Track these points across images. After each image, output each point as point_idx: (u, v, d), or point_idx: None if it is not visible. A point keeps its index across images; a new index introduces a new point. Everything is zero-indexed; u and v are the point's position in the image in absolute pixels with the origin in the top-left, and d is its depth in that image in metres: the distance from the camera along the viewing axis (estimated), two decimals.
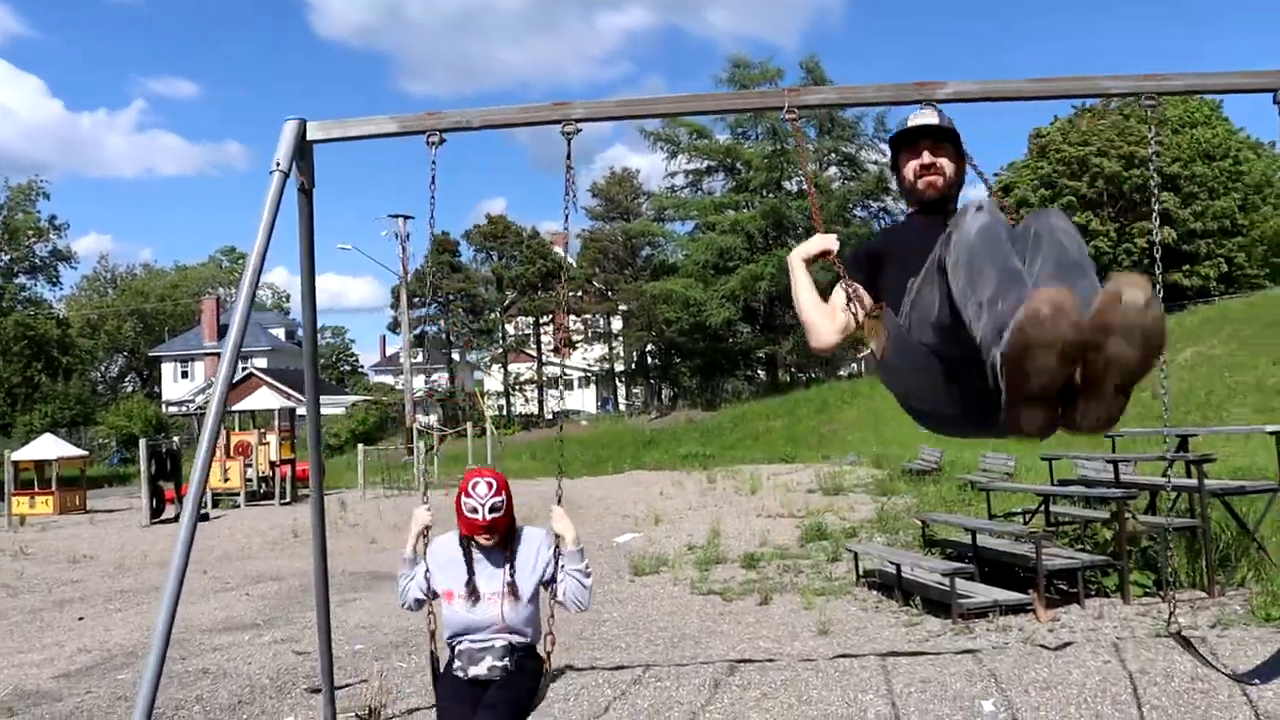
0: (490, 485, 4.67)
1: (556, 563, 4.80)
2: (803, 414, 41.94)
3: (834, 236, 3.84)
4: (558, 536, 4.87)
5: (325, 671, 6.57)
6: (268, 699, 7.60)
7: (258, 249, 5.36)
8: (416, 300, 59.69)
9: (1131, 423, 23.20)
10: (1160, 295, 5.74)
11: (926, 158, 3.86)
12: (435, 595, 4.83)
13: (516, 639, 4.66)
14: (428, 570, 4.84)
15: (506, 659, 4.60)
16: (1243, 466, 15.97)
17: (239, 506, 27.62)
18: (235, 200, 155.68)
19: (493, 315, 65.93)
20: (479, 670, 4.58)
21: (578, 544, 4.87)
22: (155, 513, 24.48)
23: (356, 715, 6.74)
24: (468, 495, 4.66)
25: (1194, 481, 9.99)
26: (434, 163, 5.77)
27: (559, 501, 4.93)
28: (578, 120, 5.76)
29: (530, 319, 65.34)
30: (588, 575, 4.85)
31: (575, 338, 66.34)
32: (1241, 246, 51.75)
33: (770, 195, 53.69)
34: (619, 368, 68.33)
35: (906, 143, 3.92)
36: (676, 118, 52.66)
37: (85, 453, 35.91)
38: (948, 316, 2.88)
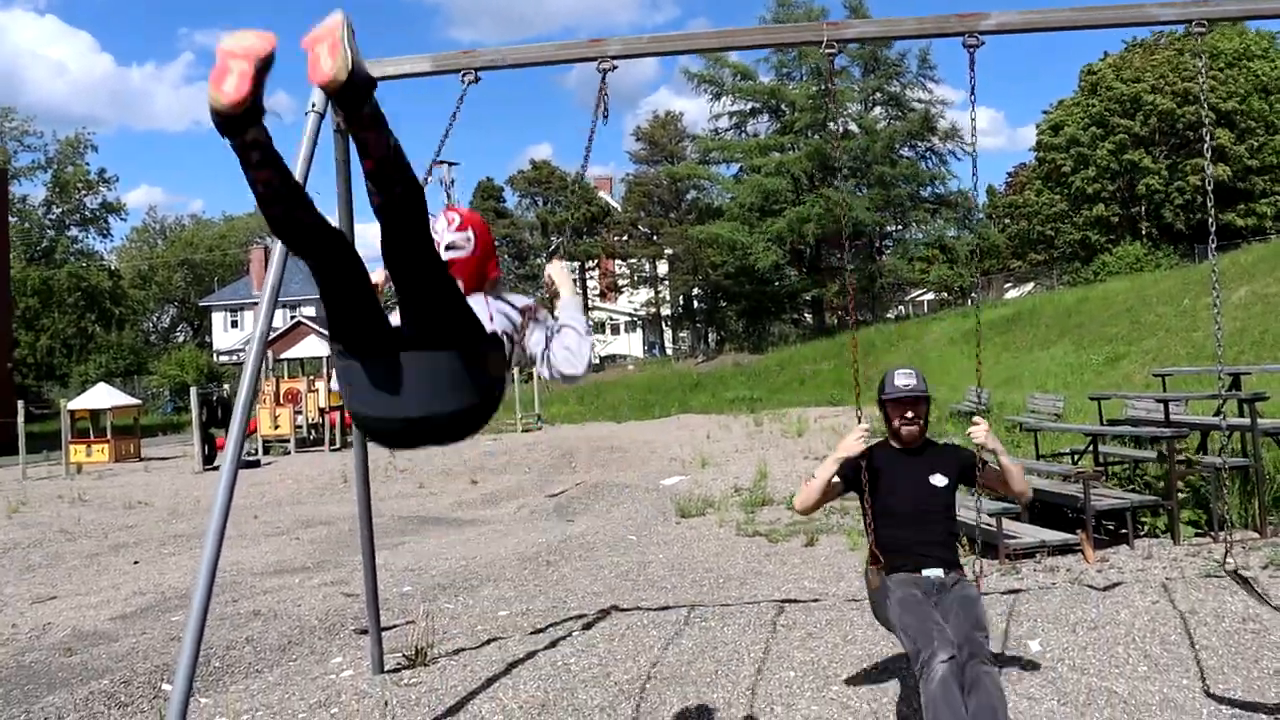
0: (451, 220, 3.71)
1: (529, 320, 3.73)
2: (850, 356, 41.67)
3: (866, 432, 5.05)
4: (549, 297, 3.99)
5: (372, 613, 6.65)
6: (317, 639, 7.70)
7: None
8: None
9: (1183, 361, 22.97)
10: (1213, 237, 5.65)
11: (908, 413, 5.17)
12: None
13: None
14: None
15: None
16: None
17: (289, 453, 27.98)
18: (284, 150, 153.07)
19: (538, 260, 65.98)
20: None
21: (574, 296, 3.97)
22: (207, 460, 24.83)
23: (404, 655, 6.82)
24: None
25: (1247, 421, 9.83)
26: (460, 99, 5.74)
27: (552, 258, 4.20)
28: (613, 57, 5.69)
29: (576, 264, 65.33)
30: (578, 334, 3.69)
31: (621, 282, 66.31)
32: None
33: (815, 136, 53.07)
34: (665, 312, 68.29)
35: (893, 399, 5.16)
36: (717, 56, 52.20)
37: (139, 402, 36.41)
38: None
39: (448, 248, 3.60)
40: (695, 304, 66.04)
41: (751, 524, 11.91)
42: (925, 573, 5.05)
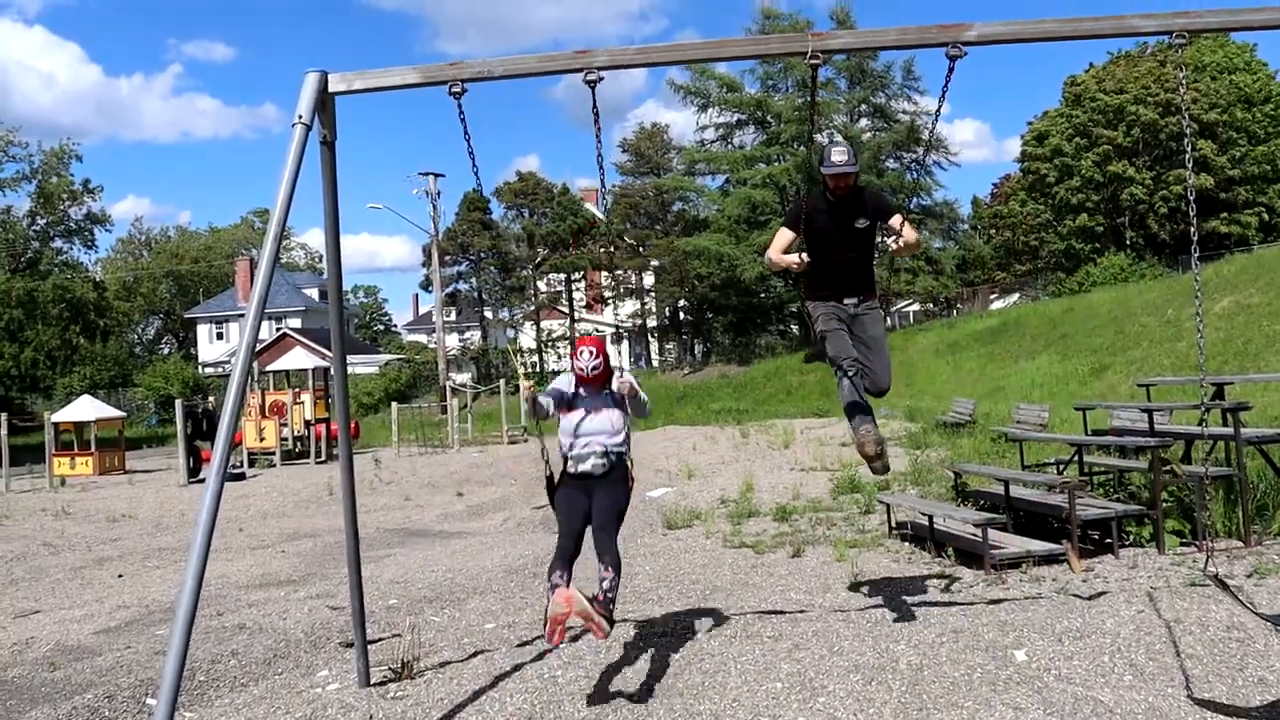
0: (592, 352, 6.50)
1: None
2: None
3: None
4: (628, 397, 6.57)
5: (358, 626, 6.64)
6: (302, 653, 7.67)
7: (280, 202, 5.37)
8: (448, 258, 59.80)
9: (1167, 371, 23.05)
10: (1195, 247, 5.70)
11: (843, 181, 6.70)
12: (554, 411, 6.51)
13: (611, 442, 6.42)
14: (548, 397, 6.51)
15: (605, 457, 6.39)
16: None
17: (275, 465, 27.88)
18: (273, 162, 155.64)
19: (524, 273, 65.87)
20: (585, 467, 6.39)
21: (642, 394, 6.63)
22: (192, 472, 24.75)
23: (390, 669, 6.79)
24: (577, 359, 6.50)
25: (1230, 430, 9.87)
26: (462, 116, 5.78)
27: (620, 376, 6.62)
28: (599, 68, 5.71)
29: (562, 276, 65.24)
30: (646, 401, 6.74)
31: (607, 294, 66.26)
32: None
33: (801, 147, 53.14)
34: (651, 324, 68.27)
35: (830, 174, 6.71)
36: (703, 68, 52.31)
37: (123, 414, 36.29)
38: None
39: (593, 370, 6.42)
40: (681, 316, 66.05)
41: (738, 535, 11.91)
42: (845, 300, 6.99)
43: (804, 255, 6.80)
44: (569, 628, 5.80)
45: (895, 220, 6.81)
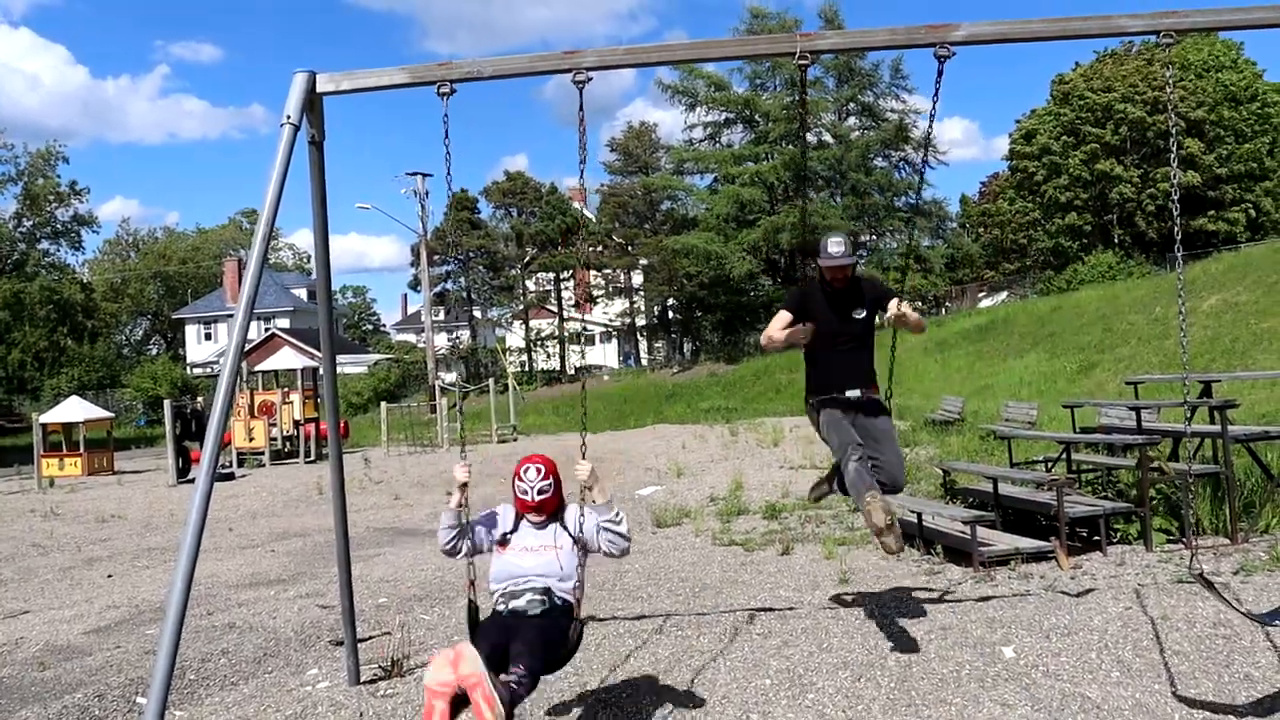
0: (539, 470, 5.26)
1: (585, 517, 5.29)
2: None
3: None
4: (584, 491, 5.35)
5: (348, 624, 6.65)
6: (292, 651, 7.68)
7: (269, 202, 5.38)
8: (436, 258, 59.73)
9: (1155, 369, 23.12)
10: (1179, 245, 5.75)
11: (839, 272, 6.51)
12: (483, 550, 5.33)
13: (555, 584, 5.08)
14: (474, 528, 5.33)
15: (544, 596, 5.03)
16: (1269, 413, 15.83)
17: (264, 465, 27.83)
18: (261, 162, 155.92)
19: (513, 272, 65.80)
20: (518, 604, 5.02)
21: (605, 496, 5.39)
22: (181, 473, 24.68)
23: (380, 667, 6.80)
24: (519, 479, 5.25)
25: (1217, 428, 9.91)
26: (445, 116, 5.77)
27: (583, 456, 5.49)
28: (588, 68, 5.72)
29: (551, 275, 65.18)
30: (618, 521, 5.29)
31: (596, 293, 66.24)
32: (1269, 191, 51.05)
33: (790, 146, 53.20)
34: (640, 322, 68.26)
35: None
36: (691, 67, 52.34)
37: (112, 415, 36.16)
38: None
39: (539, 493, 5.21)
40: (670, 314, 66.03)
41: (727, 533, 11.93)
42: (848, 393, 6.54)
43: (808, 324, 6.58)
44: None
45: (893, 304, 6.31)
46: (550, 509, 5.28)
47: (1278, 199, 51.91)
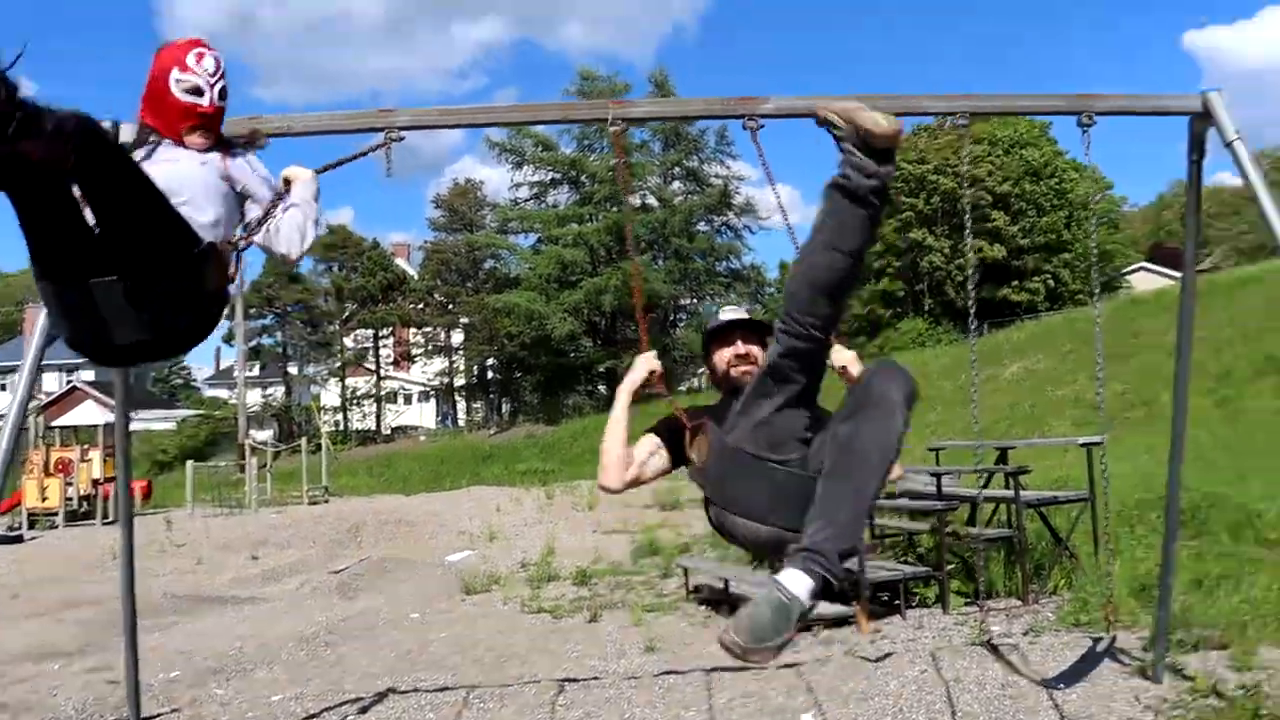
0: (219, 60, 3.59)
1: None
2: (643, 429, 42.01)
3: (654, 354, 4.15)
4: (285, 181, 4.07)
5: (132, 703, 6.28)
6: None
7: None
8: (252, 311, 58.14)
9: (959, 436, 23.94)
10: (973, 315, 5.95)
11: (740, 347, 4.05)
12: None
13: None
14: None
15: None
16: (1061, 478, 16.52)
17: (57, 527, 26.32)
18: None
19: (331, 328, 64.48)
20: None
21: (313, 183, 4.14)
22: None
23: None
24: (184, 69, 3.55)
25: (1011, 493, 10.29)
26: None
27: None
28: (401, 127, 5.63)
29: (370, 331, 64.14)
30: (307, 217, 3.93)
31: (415, 351, 65.44)
32: (1066, 263, 53.85)
33: (614, 208, 53.79)
34: (459, 382, 67.63)
35: (719, 335, 4.14)
36: (517, 129, 52.56)
37: None
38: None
39: (221, 96, 3.65)
40: (490, 374, 65.64)
41: (536, 600, 11.77)
42: None
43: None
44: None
45: None
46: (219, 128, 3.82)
47: (1075, 270, 54.64)
